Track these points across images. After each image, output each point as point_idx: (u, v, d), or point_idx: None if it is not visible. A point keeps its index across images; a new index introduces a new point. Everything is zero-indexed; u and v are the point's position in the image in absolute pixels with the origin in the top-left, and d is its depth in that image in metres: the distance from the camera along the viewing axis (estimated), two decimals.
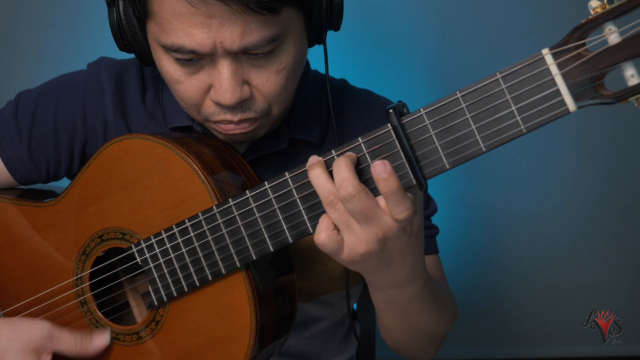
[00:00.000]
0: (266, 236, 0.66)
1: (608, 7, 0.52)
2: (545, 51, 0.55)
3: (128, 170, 0.73)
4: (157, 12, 0.67)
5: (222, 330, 0.72)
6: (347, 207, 0.59)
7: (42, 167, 0.85)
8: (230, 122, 0.73)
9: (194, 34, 0.66)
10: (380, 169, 0.57)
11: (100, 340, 0.75)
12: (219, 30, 0.65)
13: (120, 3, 0.73)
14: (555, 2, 1.46)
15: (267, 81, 0.71)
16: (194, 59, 0.69)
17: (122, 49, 0.77)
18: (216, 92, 0.70)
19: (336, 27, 0.76)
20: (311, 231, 0.64)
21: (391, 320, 0.75)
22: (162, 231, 0.71)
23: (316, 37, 0.76)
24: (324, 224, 0.61)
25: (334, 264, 0.86)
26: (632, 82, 0.53)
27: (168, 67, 0.71)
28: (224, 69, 0.68)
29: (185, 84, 0.71)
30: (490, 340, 1.73)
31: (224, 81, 0.69)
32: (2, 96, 1.03)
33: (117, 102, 0.85)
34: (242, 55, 0.69)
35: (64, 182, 0.85)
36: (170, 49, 0.68)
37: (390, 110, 0.59)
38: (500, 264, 1.68)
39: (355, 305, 1.05)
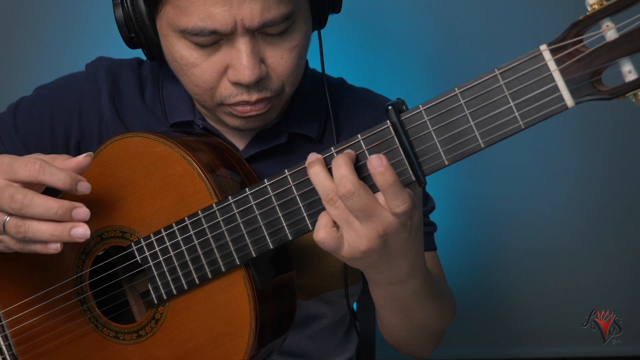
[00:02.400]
0: (266, 233, 0.67)
1: (605, 3, 0.53)
2: (544, 47, 0.55)
3: (128, 169, 0.73)
4: None
5: (221, 328, 0.72)
6: (346, 204, 0.59)
7: None
8: (247, 102, 0.74)
9: (215, 14, 0.67)
10: (376, 163, 0.57)
11: (77, 157, 0.64)
12: (239, 8, 0.67)
13: None
14: None
15: (282, 59, 0.72)
16: (212, 42, 0.70)
17: (128, 42, 0.77)
18: (235, 70, 0.71)
19: (337, 9, 0.79)
20: (311, 228, 0.64)
21: (391, 316, 0.75)
22: (162, 229, 0.71)
23: (318, 19, 0.78)
24: (323, 221, 0.61)
25: (334, 261, 0.86)
26: (630, 77, 0.53)
27: (183, 52, 0.72)
28: (243, 47, 0.70)
29: (201, 67, 0.72)
30: (490, 340, 1.73)
31: (243, 59, 0.70)
32: (2, 96, 1.04)
33: (114, 99, 0.85)
34: (258, 34, 0.70)
35: None
36: (191, 33, 0.69)
37: (390, 107, 0.59)
38: (500, 264, 1.68)
39: (355, 305, 1.05)
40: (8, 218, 0.63)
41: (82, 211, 0.63)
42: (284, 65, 0.73)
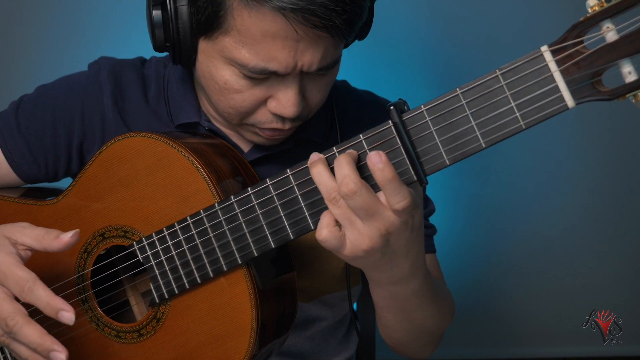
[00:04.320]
0: (267, 233, 0.67)
1: (605, 5, 0.53)
2: (544, 48, 0.55)
3: (130, 168, 0.74)
4: (241, 30, 0.68)
5: (222, 327, 0.72)
6: (349, 203, 0.59)
7: (40, 162, 0.86)
8: (280, 130, 0.76)
9: (280, 57, 0.68)
10: (375, 159, 0.58)
11: (64, 236, 0.67)
12: (302, 54, 0.69)
13: (179, 8, 0.71)
14: (554, 1, 1.47)
15: (318, 93, 0.75)
16: (264, 77, 0.71)
17: (159, 47, 0.75)
18: (280, 104, 0.72)
19: (363, 37, 0.80)
20: (312, 227, 0.65)
21: (391, 317, 0.75)
22: (164, 228, 0.71)
23: (345, 45, 0.79)
24: (325, 220, 0.61)
25: (335, 262, 0.86)
26: (630, 78, 0.53)
27: (228, 77, 0.72)
28: (294, 85, 0.72)
29: (244, 94, 0.73)
30: (490, 340, 1.73)
31: (291, 96, 0.72)
32: (2, 96, 1.04)
33: (116, 100, 0.85)
34: (306, 73, 0.72)
35: (67, 182, 0.86)
36: (252, 70, 0.70)
37: (391, 107, 0.59)
38: (500, 264, 1.68)
39: (355, 306, 1.05)
40: None
41: (59, 357, 0.65)
42: (318, 98, 0.76)
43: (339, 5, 0.66)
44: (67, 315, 0.65)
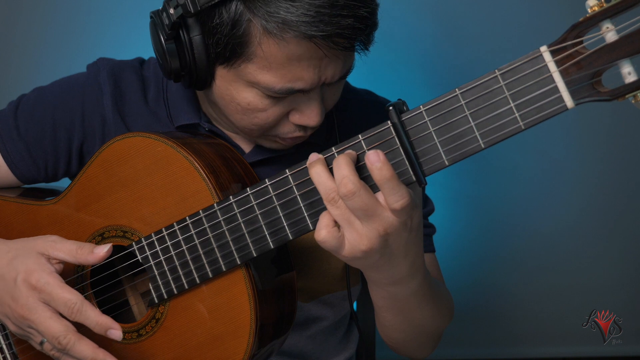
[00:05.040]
0: (266, 233, 0.67)
1: (605, 5, 0.53)
2: (544, 48, 0.55)
3: (129, 168, 0.74)
4: (266, 56, 0.68)
5: (221, 327, 0.72)
6: (347, 204, 0.59)
7: (40, 164, 0.86)
8: (301, 137, 0.78)
9: (306, 77, 0.69)
10: (373, 158, 0.58)
11: (99, 251, 0.69)
12: (325, 69, 0.70)
13: (193, 38, 0.70)
14: (553, 1, 1.47)
15: (334, 95, 0.77)
16: (289, 95, 0.72)
17: (174, 76, 0.74)
18: (304, 115, 0.74)
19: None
20: (311, 228, 0.65)
21: (390, 317, 0.75)
22: (163, 229, 0.72)
23: None
24: (324, 220, 0.61)
25: (335, 262, 0.86)
26: (629, 79, 0.53)
27: (251, 98, 0.73)
28: (317, 96, 0.73)
29: (268, 111, 0.73)
30: (490, 340, 1.73)
31: (315, 107, 0.73)
32: (2, 96, 1.04)
33: (116, 101, 0.85)
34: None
35: (65, 181, 0.86)
36: (279, 92, 0.70)
37: (390, 108, 0.59)
38: (500, 263, 1.68)
39: (355, 305, 1.05)
40: (46, 341, 0.69)
41: None
42: (333, 100, 0.77)
43: (363, 23, 0.67)
44: (116, 333, 0.67)
